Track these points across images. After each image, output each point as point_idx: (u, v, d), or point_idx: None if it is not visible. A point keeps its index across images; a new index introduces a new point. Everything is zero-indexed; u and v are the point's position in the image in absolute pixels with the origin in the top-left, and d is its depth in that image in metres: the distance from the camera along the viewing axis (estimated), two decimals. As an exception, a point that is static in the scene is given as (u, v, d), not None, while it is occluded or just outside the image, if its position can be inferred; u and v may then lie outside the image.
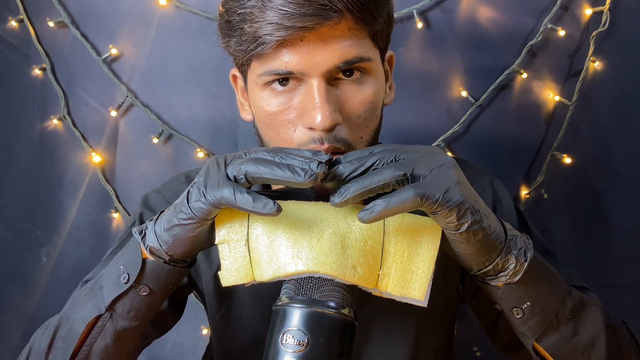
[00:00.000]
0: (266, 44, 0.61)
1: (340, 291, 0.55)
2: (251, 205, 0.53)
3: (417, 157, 0.55)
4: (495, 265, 0.58)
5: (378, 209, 0.52)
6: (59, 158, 1.20)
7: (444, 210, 0.53)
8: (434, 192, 0.52)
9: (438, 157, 0.56)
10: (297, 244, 0.56)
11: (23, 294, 1.23)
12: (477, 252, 0.57)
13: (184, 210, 0.57)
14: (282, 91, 0.65)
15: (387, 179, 0.53)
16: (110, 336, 0.65)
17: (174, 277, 0.63)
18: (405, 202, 0.52)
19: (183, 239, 0.59)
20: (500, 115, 1.14)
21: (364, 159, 0.56)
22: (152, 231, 0.61)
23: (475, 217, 0.55)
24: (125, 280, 0.62)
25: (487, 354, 1.19)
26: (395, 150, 0.56)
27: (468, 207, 0.54)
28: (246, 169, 0.55)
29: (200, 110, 1.17)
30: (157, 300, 0.64)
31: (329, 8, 0.60)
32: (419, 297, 0.57)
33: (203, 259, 0.81)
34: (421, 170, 0.54)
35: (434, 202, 0.52)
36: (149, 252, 0.61)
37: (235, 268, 0.58)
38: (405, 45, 1.13)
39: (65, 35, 1.16)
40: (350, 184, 0.54)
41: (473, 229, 0.55)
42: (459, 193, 0.53)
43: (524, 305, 0.60)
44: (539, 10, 1.12)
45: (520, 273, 0.58)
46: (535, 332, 0.61)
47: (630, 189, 1.16)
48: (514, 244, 0.59)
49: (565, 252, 1.16)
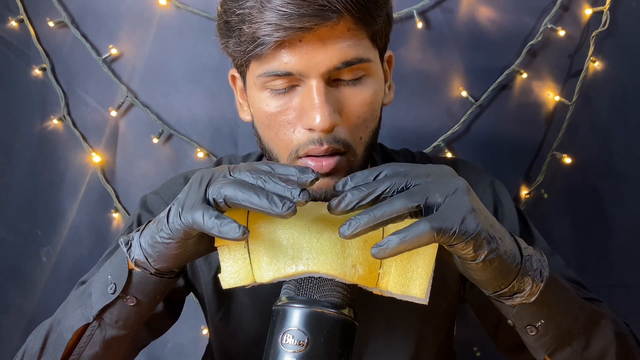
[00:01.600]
0: (265, 45, 0.61)
1: (340, 291, 0.55)
2: (218, 230, 0.52)
3: (429, 184, 0.53)
4: (511, 287, 0.57)
5: (392, 245, 0.50)
6: (59, 158, 1.20)
7: (461, 242, 0.51)
8: (450, 225, 0.50)
9: (450, 181, 0.54)
10: (296, 245, 0.56)
11: (23, 294, 1.23)
12: (494, 277, 0.56)
13: (164, 229, 0.56)
14: (281, 92, 0.65)
15: (399, 210, 0.51)
16: (99, 345, 0.65)
17: (161, 287, 0.63)
18: (421, 238, 0.50)
19: (166, 255, 0.58)
20: (500, 115, 1.14)
21: (373, 186, 0.54)
22: (138, 243, 0.60)
23: (491, 246, 0.53)
24: (112, 290, 0.62)
25: (487, 354, 1.19)
26: (406, 175, 0.54)
27: (484, 237, 0.52)
28: (225, 193, 0.53)
29: (200, 110, 1.17)
30: (145, 309, 0.64)
31: (327, 9, 0.60)
32: (419, 295, 0.56)
33: (202, 260, 0.81)
34: (434, 198, 0.52)
35: (450, 235, 0.50)
36: (134, 264, 0.61)
37: (236, 270, 0.57)
38: (405, 45, 1.13)
39: (65, 35, 1.16)
40: (360, 216, 0.52)
41: (490, 258, 0.53)
42: (475, 222, 0.51)
43: (537, 323, 0.59)
44: (539, 10, 1.12)
45: (537, 294, 0.57)
46: (548, 348, 0.61)
47: (630, 189, 1.16)
48: (530, 265, 0.57)
49: (565, 252, 1.16)
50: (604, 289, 1.06)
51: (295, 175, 0.54)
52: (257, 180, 0.54)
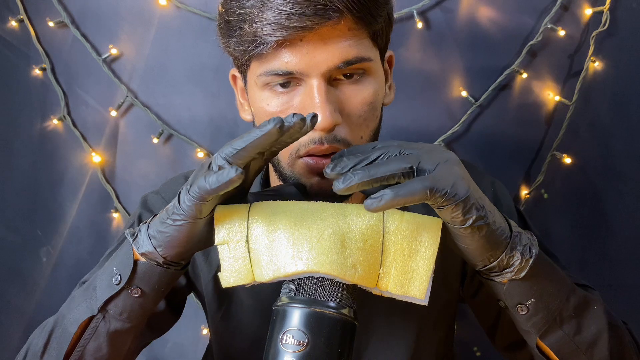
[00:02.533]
0: (266, 44, 0.61)
1: (340, 291, 0.55)
2: (216, 181, 0.53)
3: (422, 152, 0.55)
4: (500, 261, 0.58)
5: (387, 197, 0.51)
6: (59, 158, 1.20)
7: (451, 204, 0.53)
8: (442, 185, 0.52)
9: (442, 153, 0.56)
10: (297, 244, 0.56)
11: (23, 294, 1.23)
12: (482, 247, 0.57)
13: (176, 211, 0.57)
14: (282, 91, 0.65)
15: (393, 169, 0.53)
16: (103, 337, 0.65)
17: (166, 279, 0.63)
18: (414, 194, 0.51)
19: (177, 239, 0.59)
20: (500, 115, 1.14)
21: (368, 152, 0.56)
22: (146, 234, 0.61)
23: (480, 213, 0.55)
24: (117, 281, 0.62)
25: (487, 354, 1.19)
26: (399, 145, 0.56)
27: (473, 202, 0.54)
28: (224, 153, 0.55)
29: (200, 110, 1.17)
30: (149, 302, 0.64)
31: (328, 8, 0.60)
32: (419, 295, 0.56)
33: (202, 260, 0.81)
34: (427, 164, 0.54)
35: (441, 195, 0.52)
36: (141, 255, 0.61)
37: (235, 269, 0.57)
38: (405, 45, 1.13)
39: (65, 35, 1.16)
40: (355, 172, 0.53)
41: (478, 224, 0.55)
42: (465, 188, 0.54)
43: (528, 301, 0.60)
44: (539, 10, 1.12)
45: (526, 269, 0.58)
46: (539, 329, 0.61)
47: (630, 189, 1.16)
48: (519, 240, 0.59)
49: (565, 252, 1.16)
50: (604, 289, 1.06)
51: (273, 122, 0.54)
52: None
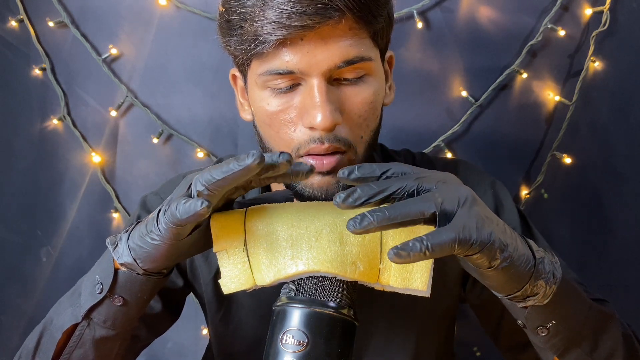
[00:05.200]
0: (266, 43, 0.61)
1: (340, 291, 0.55)
2: (185, 212, 0.51)
3: (440, 191, 0.52)
4: (524, 290, 0.56)
5: (416, 250, 0.48)
6: (59, 158, 1.20)
7: (476, 254, 0.50)
8: (469, 235, 0.49)
9: (458, 189, 0.53)
10: (295, 245, 0.55)
11: (23, 294, 1.23)
12: (507, 282, 0.55)
13: (154, 231, 0.56)
14: (283, 91, 0.65)
15: (415, 215, 0.50)
16: (88, 344, 0.65)
17: (149, 287, 0.62)
18: (443, 247, 0.48)
19: (155, 255, 0.58)
20: (500, 115, 1.14)
21: (383, 185, 0.52)
22: (125, 244, 0.59)
23: (504, 255, 0.52)
24: (99, 290, 0.62)
25: (487, 354, 1.19)
26: (417, 179, 0.53)
27: (498, 247, 0.51)
28: (203, 179, 0.52)
29: (200, 110, 1.17)
30: (132, 310, 0.64)
31: (329, 7, 0.60)
32: (421, 287, 0.56)
33: (202, 261, 0.81)
34: (448, 207, 0.50)
35: (468, 246, 0.49)
36: (121, 265, 0.61)
37: (236, 274, 0.57)
38: (405, 45, 1.13)
39: (65, 35, 1.16)
40: (374, 213, 0.49)
41: (503, 266, 0.52)
42: (487, 232, 0.50)
43: (549, 324, 0.59)
44: (539, 10, 1.12)
45: (550, 296, 0.56)
46: (558, 350, 0.60)
47: (630, 189, 1.16)
48: (543, 268, 0.56)
49: (565, 252, 1.16)
50: (604, 289, 1.06)
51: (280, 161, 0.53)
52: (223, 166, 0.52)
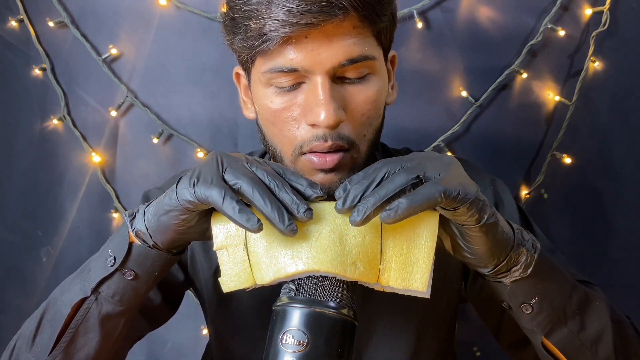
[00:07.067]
0: (271, 41, 0.61)
1: (340, 291, 0.55)
2: (234, 214, 0.53)
3: (423, 162, 0.55)
4: (509, 259, 0.59)
5: (403, 207, 0.51)
6: (59, 158, 1.20)
7: (465, 204, 0.53)
8: (454, 187, 0.52)
9: (442, 158, 0.57)
10: (295, 244, 0.55)
11: (23, 294, 1.23)
12: (494, 247, 0.58)
13: (171, 196, 0.57)
14: (286, 89, 0.65)
15: (401, 183, 0.53)
16: (93, 320, 0.65)
17: (160, 263, 0.63)
18: (429, 199, 0.51)
19: (166, 226, 0.59)
20: (500, 115, 1.14)
21: (371, 176, 0.55)
22: (142, 214, 0.62)
23: (491, 210, 0.56)
24: (111, 262, 0.63)
25: (487, 354, 1.19)
26: (398, 160, 0.56)
27: (483, 200, 0.55)
28: (242, 185, 0.54)
29: (200, 110, 1.17)
30: (142, 286, 0.65)
31: (334, 5, 0.60)
32: (421, 288, 0.56)
33: (202, 257, 0.81)
34: (432, 171, 0.54)
35: (454, 196, 0.52)
36: (135, 236, 0.62)
37: (236, 273, 0.57)
38: (405, 45, 1.13)
39: (65, 35, 1.16)
40: (366, 199, 0.53)
41: (491, 221, 0.56)
42: (474, 187, 0.54)
43: (532, 300, 0.61)
44: (539, 10, 1.12)
45: (532, 266, 0.59)
46: (544, 328, 0.62)
47: (630, 189, 1.16)
48: (522, 236, 0.60)
49: (565, 252, 1.16)
50: (604, 289, 1.06)
51: (303, 187, 0.56)
52: (271, 182, 0.55)
